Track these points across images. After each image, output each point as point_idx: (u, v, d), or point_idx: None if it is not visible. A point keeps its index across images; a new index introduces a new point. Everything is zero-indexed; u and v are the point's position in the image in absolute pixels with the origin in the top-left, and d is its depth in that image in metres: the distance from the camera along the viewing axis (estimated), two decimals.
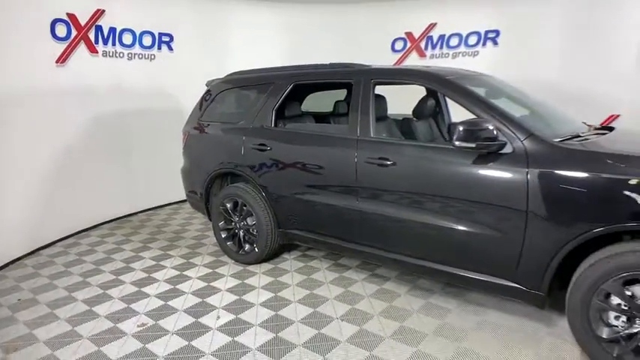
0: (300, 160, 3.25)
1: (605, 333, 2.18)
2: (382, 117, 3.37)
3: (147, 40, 5.46)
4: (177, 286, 3.41)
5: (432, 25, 6.79)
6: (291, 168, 3.31)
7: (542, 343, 2.50)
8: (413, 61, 6.95)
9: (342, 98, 4.13)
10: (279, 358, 2.46)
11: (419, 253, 2.83)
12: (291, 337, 2.67)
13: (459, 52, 6.69)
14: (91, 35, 4.83)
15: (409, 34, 6.88)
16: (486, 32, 6.45)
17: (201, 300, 3.18)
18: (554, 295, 2.45)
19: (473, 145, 2.35)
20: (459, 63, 6.67)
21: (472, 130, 2.35)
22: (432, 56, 6.88)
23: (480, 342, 2.54)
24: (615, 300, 2.14)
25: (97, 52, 4.91)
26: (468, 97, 2.63)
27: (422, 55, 6.92)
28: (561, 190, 2.22)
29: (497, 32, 6.39)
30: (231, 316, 2.93)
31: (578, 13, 5.66)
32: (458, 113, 3.14)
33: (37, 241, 4.29)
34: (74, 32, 4.64)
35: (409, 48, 6.93)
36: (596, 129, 2.99)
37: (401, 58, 6.97)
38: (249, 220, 3.67)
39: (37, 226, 4.26)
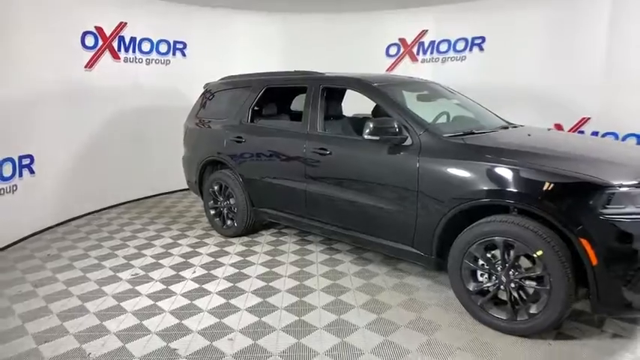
0: (267, 151, 3.99)
1: (472, 287, 2.78)
2: (335, 116, 4.03)
3: (163, 48, 6.35)
4: (169, 250, 4.22)
5: (424, 32, 7.34)
6: (260, 157, 4.05)
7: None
8: (406, 65, 7.53)
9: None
10: (229, 299, 3.20)
11: (349, 225, 3.50)
12: (244, 286, 3.41)
13: (448, 57, 7.21)
14: (115, 44, 5.75)
15: (402, 40, 7.46)
16: (473, 38, 6.94)
17: (184, 260, 3.97)
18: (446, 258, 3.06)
19: (377, 138, 3.00)
20: (448, 67, 7.22)
21: (379, 127, 3.00)
22: (423, 61, 7.44)
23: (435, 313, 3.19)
24: (480, 261, 2.74)
25: (119, 59, 5.83)
26: (384, 100, 3.29)
27: (414, 59, 7.49)
28: (439, 174, 2.84)
29: (483, 38, 6.87)
30: (204, 271, 3.71)
31: (554, 21, 6.09)
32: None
33: (67, 214, 5.23)
34: (100, 42, 5.56)
35: (402, 53, 7.51)
36: (503, 127, 3.52)
37: (394, 62, 7.56)
38: (231, 201, 4.43)
39: (67, 202, 5.20)
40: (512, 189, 2.55)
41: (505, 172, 2.59)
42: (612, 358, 2.43)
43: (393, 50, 7.55)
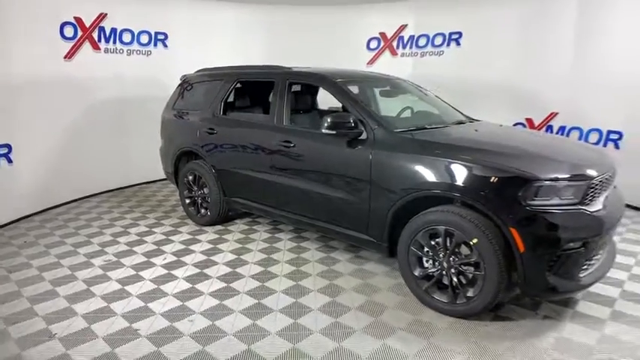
0: (236, 142, 4.14)
1: (418, 272, 2.97)
2: (305, 109, 4.19)
3: (144, 39, 6.44)
4: (143, 238, 4.38)
5: (403, 27, 7.48)
6: (230, 148, 4.21)
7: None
8: (386, 59, 7.67)
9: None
10: (194, 284, 3.37)
11: (313, 215, 3.67)
12: (211, 272, 3.59)
13: (427, 52, 7.36)
14: (95, 35, 5.84)
15: (383, 34, 7.60)
16: (450, 34, 7.10)
17: (157, 247, 4.14)
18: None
19: (334, 132, 3.17)
20: (426, 62, 7.37)
21: (336, 122, 3.17)
22: (402, 55, 7.59)
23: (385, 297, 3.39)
24: (425, 248, 2.93)
25: (99, 49, 5.92)
26: (343, 96, 3.44)
27: (394, 53, 7.63)
28: (389, 166, 3.01)
29: (460, 34, 7.02)
30: (174, 258, 3.88)
31: (526, 17, 6.25)
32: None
33: (45, 202, 5.37)
34: (80, 33, 5.65)
35: (382, 47, 7.65)
36: (458, 123, 3.69)
37: (375, 56, 7.70)
38: (205, 190, 4.59)
39: (46, 191, 5.33)
40: (449, 181, 2.73)
41: (444, 165, 2.77)
42: (538, 338, 2.63)
43: (373, 44, 7.69)
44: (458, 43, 7.07)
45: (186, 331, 2.76)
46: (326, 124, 3.18)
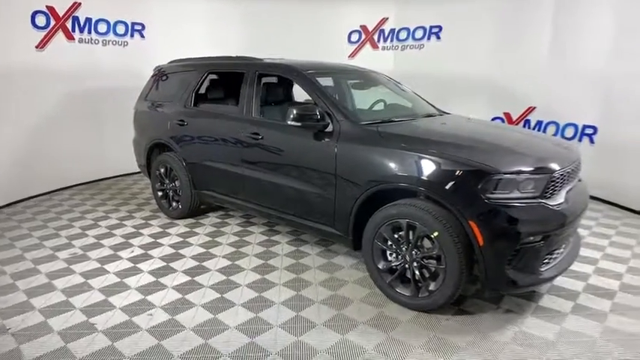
0: (206, 134, 4.08)
1: (382, 265, 2.95)
2: (277, 101, 4.13)
3: (120, 29, 6.31)
4: (112, 231, 4.31)
5: (384, 20, 7.43)
6: (200, 140, 4.14)
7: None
8: (367, 52, 7.62)
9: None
10: (159, 278, 3.32)
11: (281, 208, 3.63)
12: (177, 265, 3.54)
13: (407, 45, 7.34)
14: (69, 24, 5.71)
15: (364, 27, 7.54)
16: (431, 27, 7.08)
17: (125, 240, 4.07)
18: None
19: (300, 124, 3.12)
20: (407, 55, 7.34)
21: (302, 114, 3.12)
22: (383, 48, 7.55)
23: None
24: (388, 241, 2.90)
25: (73, 39, 5.79)
26: (310, 87, 3.39)
27: (375, 47, 7.59)
28: (354, 158, 2.98)
29: (440, 27, 7.00)
30: (141, 251, 3.82)
31: (504, 12, 6.24)
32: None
33: (15, 195, 5.26)
34: (52, 22, 5.52)
35: (363, 40, 7.60)
36: (427, 115, 3.67)
37: (356, 49, 7.65)
38: (177, 183, 4.52)
39: (15, 183, 5.22)
40: (410, 174, 2.71)
41: (405, 158, 2.75)
42: (498, 332, 2.63)
43: (354, 37, 7.63)
44: (438, 37, 7.05)
45: (144, 326, 2.71)
46: (291, 116, 3.13)
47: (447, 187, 2.56)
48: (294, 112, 3.13)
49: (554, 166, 2.66)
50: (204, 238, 4.13)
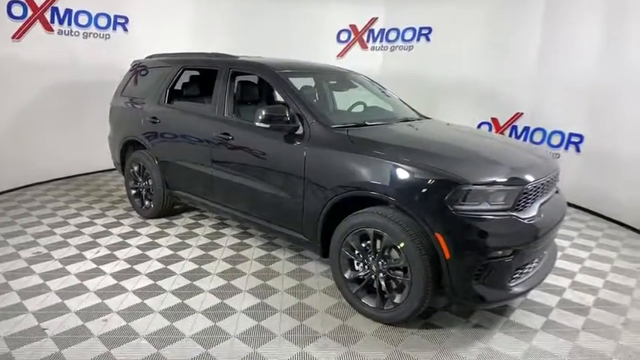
0: (178, 133, 3.95)
1: (348, 275, 2.84)
2: (254, 101, 4.00)
3: (102, 21, 6.15)
4: (81, 229, 4.18)
5: (374, 19, 7.32)
6: (172, 138, 4.02)
7: None
8: (356, 52, 7.51)
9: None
10: (120, 281, 3.20)
11: (251, 211, 3.51)
12: (141, 268, 3.42)
13: (397, 46, 7.23)
14: (47, 15, 5.55)
15: (353, 27, 7.43)
16: (420, 28, 6.98)
17: (92, 240, 3.95)
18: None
19: (268, 126, 3.00)
20: (396, 56, 7.24)
21: (271, 115, 3.00)
22: (372, 48, 7.44)
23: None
24: (356, 251, 2.79)
25: (52, 31, 5.63)
26: (282, 88, 3.28)
27: (364, 47, 7.48)
28: (322, 162, 2.87)
29: (430, 29, 6.90)
30: (107, 252, 3.70)
31: (493, 17, 6.15)
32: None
33: None
34: (30, 12, 5.36)
35: (353, 40, 7.49)
36: (404, 120, 3.56)
37: (345, 48, 7.53)
38: (149, 182, 4.40)
39: None
40: (377, 181, 2.60)
41: (374, 164, 2.64)
42: (464, 348, 2.53)
43: (344, 36, 7.52)
44: (427, 39, 6.95)
45: (96, 332, 2.59)
46: (260, 117, 3.01)
47: (414, 196, 2.46)
48: (263, 112, 3.01)
49: (528, 177, 2.55)
50: (174, 239, 4.01)
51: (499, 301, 2.59)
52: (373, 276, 2.73)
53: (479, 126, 6.45)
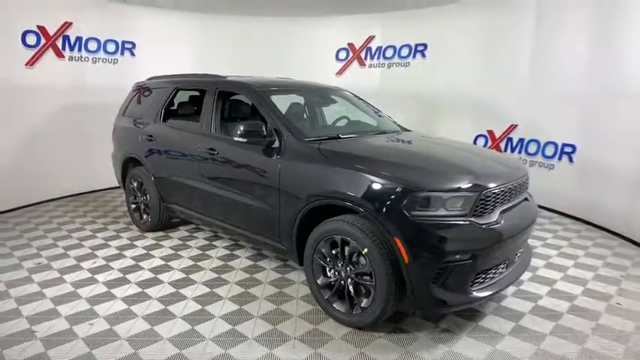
0: (171, 149, 4.18)
1: (320, 281, 2.96)
2: (242, 118, 4.21)
3: (111, 47, 6.55)
4: (82, 242, 4.42)
5: (371, 38, 7.53)
6: (166, 155, 4.25)
7: None
8: (355, 69, 7.72)
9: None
10: (111, 289, 3.39)
11: (236, 223, 3.68)
12: (132, 277, 3.61)
13: (394, 63, 7.40)
14: (59, 43, 5.96)
15: (351, 45, 7.65)
16: (416, 45, 7.14)
17: (91, 252, 4.17)
18: None
19: (245, 140, 3.19)
20: (393, 72, 7.40)
21: (248, 130, 3.19)
22: (370, 66, 7.63)
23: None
24: (327, 257, 2.92)
25: (63, 57, 6.03)
26: (260, 104, 3.47)
27: (362, 64, 7.68)
28: (295, 174, 3.02)
29: (425, 45, 7.06)
30: (103, 263, 3.91)
31: (487, 32, 6.28)
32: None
33: (2, 205, 5.44)
34: (43, 41, 5.77)
35: (351, 58, 7.70)
36: (380, 133, 3.70)
37: (344, 66, 7.75)
38: (147, 197, 4.63)
39: (4, 194, 5.41)
40: (343, 190, 2.73)
41: (340, 174, 2.78)
42: (427, 351, 2.60)
43: (342, 55, 7.74)
44: (423, 55, 7.11)
45: (81, 334, 2.77)
46: (238, 132, 3.20)
47: (374, 203, 2.58)
48: (241, 128, 3.20)
49: (487, 184, 2.65)
50: (168, 251, 4.20)
51: (461, 304, 2.66)
52: (342, 282, 2.84)
53: (476, 138, 6.52)
